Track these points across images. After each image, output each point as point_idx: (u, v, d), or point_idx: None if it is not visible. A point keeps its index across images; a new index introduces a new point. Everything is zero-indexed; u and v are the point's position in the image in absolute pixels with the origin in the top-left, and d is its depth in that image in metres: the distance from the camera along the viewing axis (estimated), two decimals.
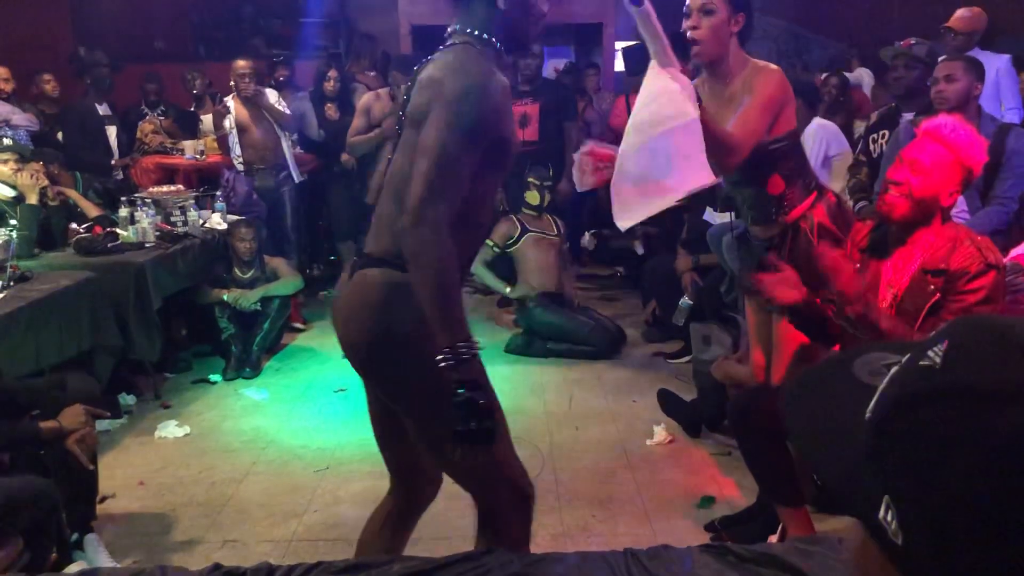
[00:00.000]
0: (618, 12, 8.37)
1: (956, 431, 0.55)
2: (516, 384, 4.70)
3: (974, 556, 0.54)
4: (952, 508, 0.55)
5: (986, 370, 0.57)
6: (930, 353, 0.60)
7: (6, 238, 3.95)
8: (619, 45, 8.99)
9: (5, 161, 4.44)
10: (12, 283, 3.72)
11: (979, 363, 0.58)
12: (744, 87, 2.59)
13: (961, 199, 3.54)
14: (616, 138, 6.53)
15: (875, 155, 4.16)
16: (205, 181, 6.09)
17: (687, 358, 4.80)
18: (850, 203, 4.28)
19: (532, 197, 5.46)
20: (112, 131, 6.36)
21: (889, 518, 0.59)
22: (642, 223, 6.24)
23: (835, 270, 2.47)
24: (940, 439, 0.56)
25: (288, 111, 6.01)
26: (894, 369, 0.64)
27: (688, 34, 2.57)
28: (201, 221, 5.17)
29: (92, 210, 4.88)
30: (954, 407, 0.56)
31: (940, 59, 3.74)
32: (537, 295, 5.20)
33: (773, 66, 2.65)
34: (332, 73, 6.33)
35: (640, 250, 6.30)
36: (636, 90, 6.21)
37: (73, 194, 4.92)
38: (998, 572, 0.53)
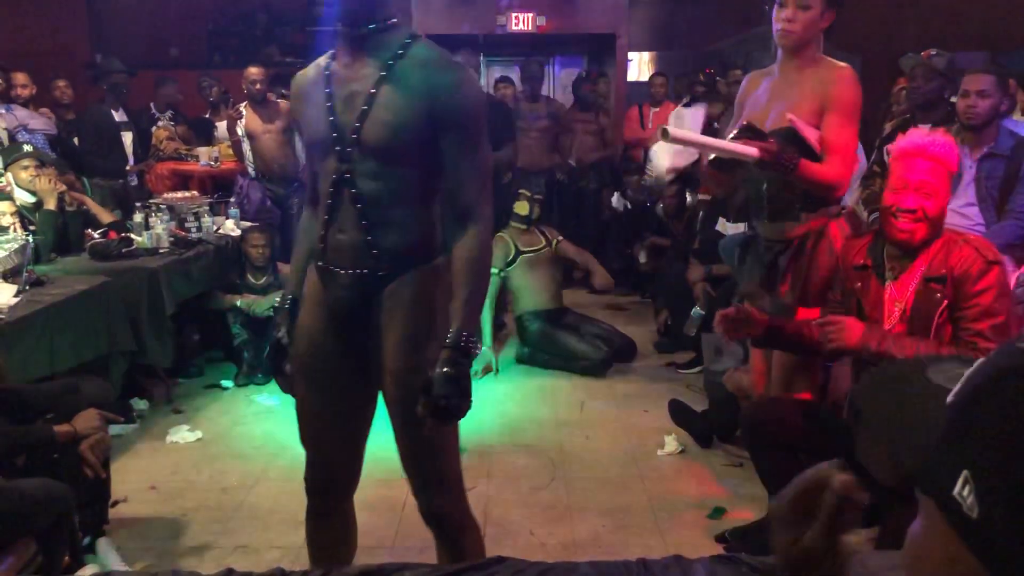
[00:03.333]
0: (631, 23, 8.38)
1: None
2: (526, 393, 4.70)
3: None
4: None
5: None
6: (1020, 343, 0.63)
7: (23, 243, 3.98)
8: (631, 55, 9.01)
9: (25, 167, 4.48)
10: (28, 287, 3.74)
11: None
12: (818, 86, 2.65)
13: (977, 212, 3.54)
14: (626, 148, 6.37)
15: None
16: (219, 187, 6.13)
17: (699, 368, 4.79)
18: (864, 214, 4.27)
19: (521, 207, 5.25)
20: (128, 137, 6.40)
21: (966, 492, 0.60)
22: (653, 234, 6.25)
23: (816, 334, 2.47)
24: None
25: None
26: (979, 362, 0.67)
27: (781, 26, 2.65)
28: (215, 227, 5.20)
29: (106, 216, 4.91)
30: None
31: (968, 72, 3.71)
32: (531, 313, 5.15)
33: (843, 64, 2.72)
34: None
35: (643, 258, 6.33)
36: (652, 103, 6.17)
37: (87, 201, 4.95)
38: None
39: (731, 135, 2.62)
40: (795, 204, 2.73)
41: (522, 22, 8.16)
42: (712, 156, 2.62)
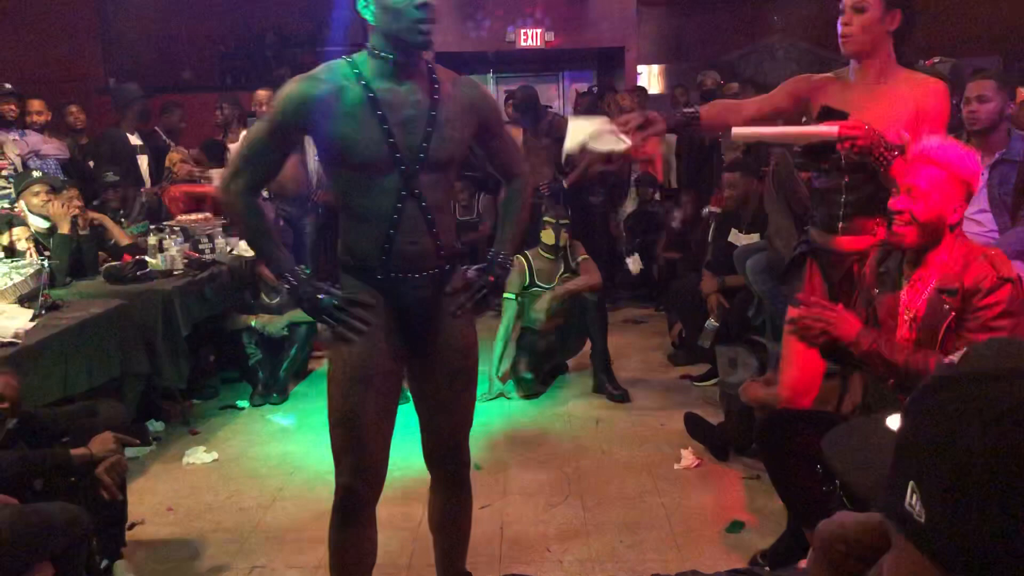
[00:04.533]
0: (639, 36, 8.41)
1: (967, 405, 0.66)
2: (542, 408, 4.70)
3: (985, 514, 0.62)
4: (965, 470, 0.64)
5: (992, 361, 0.70)
6: (951, 356, 0.78)
7: (38, 267, 4.01)
8: (641, 68, 9.03)
9: (36, 193, 4.52)
10: (44, 311, 3.77)
11: (989, 356, 0.71)
12: (911, 97, 2.60)
13: (990, 218, 3.52)
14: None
15: None
16: None
17: (714, 381, 4.77)
18: None
19: (548, 236, 4.96)
20: (143, 160, 6.46)
21: (913, 501, 0.67)
22: (665, 247, 6.24)
23: (827, 318, 2.37)
24: (954, 413, 0.66)
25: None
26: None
27: (840, 29, 2.62)
28: (228, 248, 5.23)
29: (124, 239, 4.95)
30: (966, 386, 0.67)
31: (970, 78, 3.70)
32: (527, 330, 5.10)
33: (935, 79, 2.68)
34: None
35: (634, 268, 6.37)
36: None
37: (107, 222, 4.99)
38: (1006, 528, 0.62)
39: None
40: (876, 215, 2.66)
41: (531, 38, 8.21)
42: (799, 154, 2.55)
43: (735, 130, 2.54)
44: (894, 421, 0.79)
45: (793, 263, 2.91)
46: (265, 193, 5.91)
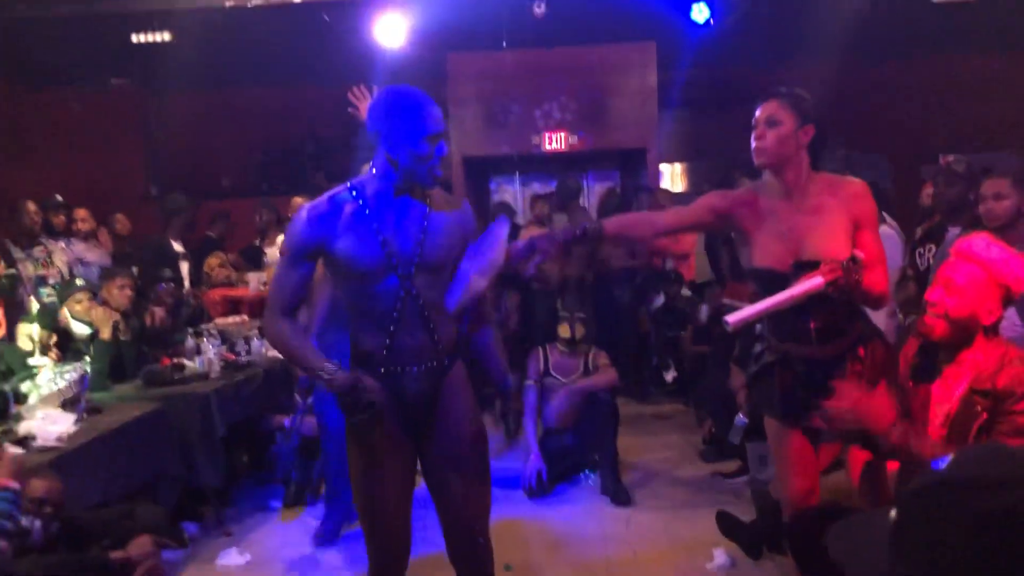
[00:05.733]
0: (660, 136, 8.62)
1: (952, 512, 0.70)
2: (571, 506, 4.68)
3: None
4: (951, 573, 0.69)
5: (978, 468, 0.74)
6: (940, 463, 0.81)
7: (81, 373, 4.14)
8: (663, 167, 9.22)
9: (79, 301, 4.71)
10: (85, 415, 3.88)
11: (974, 464, 0.75)
12: (842, 205, 2.58)
13: (1013, 312, 3.54)
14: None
15: (922, 268, 4.19)
16: None
17: (745, 477, 4.74)
18: (901, 317, 4.28)
19: (564, 330, 5.09)
20: (185, 267, 6.68)
21: None
22: (692, 342, 6.25)
23: (862, 408, 2.32)
24: (941, 518, 0.71)
25: None
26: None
27: (753, 145, 2.62)
28: (264, 350, 5.34)
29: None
30: (952, 493, 0.72)
31: (986, 176, 3.77)
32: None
33: (854, 179, 2.67)
34: None
35: (669, 378, 6.47)
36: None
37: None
38: None
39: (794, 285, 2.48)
40: (846, 320, 2.64)
41: (555, 141, 8.45)
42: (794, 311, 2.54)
43: (731, 319, 2.51)
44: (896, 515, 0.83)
45: (761, 371, 2.84)
46: None
